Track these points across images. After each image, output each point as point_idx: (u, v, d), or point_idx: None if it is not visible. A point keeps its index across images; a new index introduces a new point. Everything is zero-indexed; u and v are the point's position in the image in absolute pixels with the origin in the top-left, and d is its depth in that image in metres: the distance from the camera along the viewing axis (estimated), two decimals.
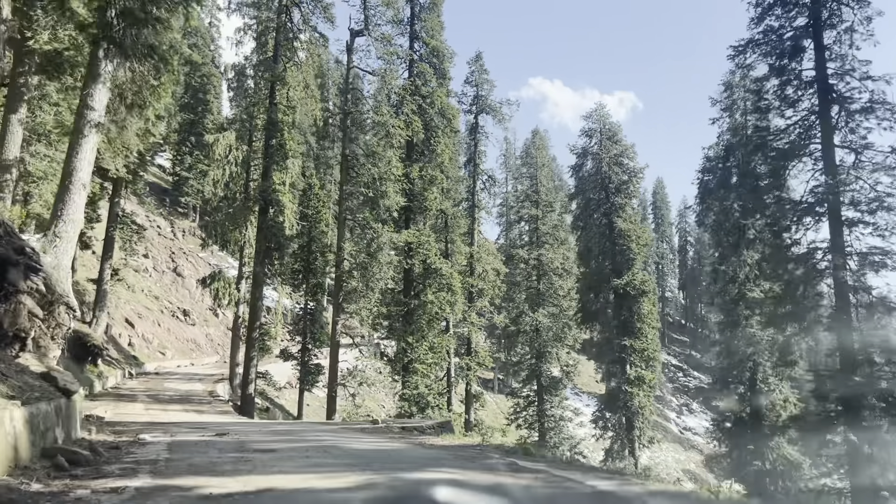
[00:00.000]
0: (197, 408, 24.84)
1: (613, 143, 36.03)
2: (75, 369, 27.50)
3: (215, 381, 36.86)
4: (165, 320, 50.53)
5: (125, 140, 18.05)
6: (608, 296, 34.64)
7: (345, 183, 29.37)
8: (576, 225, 38.62)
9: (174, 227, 70.42)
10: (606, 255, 34.99)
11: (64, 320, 14.61)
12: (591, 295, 35.65)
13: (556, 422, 39.17)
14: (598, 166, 35.90)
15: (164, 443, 7.18)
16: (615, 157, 35.60)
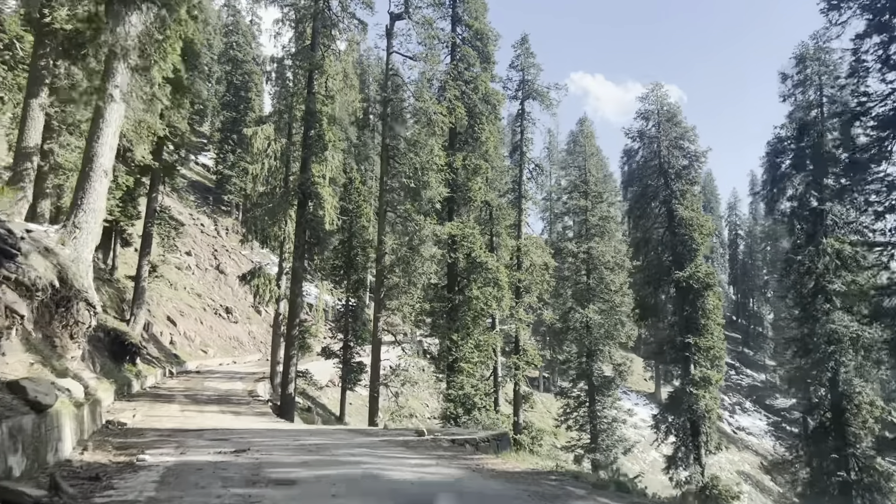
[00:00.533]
0: (234, 409, 23.87)
1: (672, 125, 33.82)
2: (113, 368, 26.88)
3: (256, 379, 36.09)
4: (208, 318, 50.23)
5: (145, 119, 17.07)
6: (668, 290, 32.53)
7: (385, 174, 28.07)
8: (631, 214, 36.49)
9: (217, 224, 70.54)
10: (666, 247, 32.84)
11: (83, 318, 13.56)
12: (649, 289, 33.55)
13: (609, 423, 37.22)
14: (656, 150, 33.75)
15: (162, 467, 5.91)
16: (674, 140, 33.39)
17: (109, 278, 36.29)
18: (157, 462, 6.30)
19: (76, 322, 12.77)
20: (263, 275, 35.89)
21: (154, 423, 15.00)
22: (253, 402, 26.68)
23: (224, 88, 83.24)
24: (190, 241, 60.39)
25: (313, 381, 34.82)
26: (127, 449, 7.58)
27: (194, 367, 40.49)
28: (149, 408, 22.16)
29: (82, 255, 13.23)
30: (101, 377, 24.10)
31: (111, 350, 28.06)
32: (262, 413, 23.23)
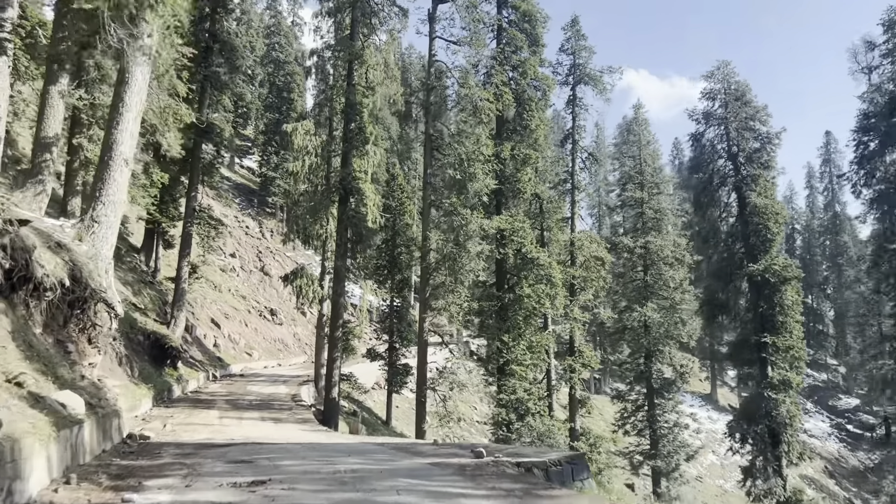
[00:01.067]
0: (276, 415, 22.72)
1: (742, 104, 31.33)
2: (152, 373, 26.09)
3: (300, 383, 35.08)
4: (252, 320, 49.69)
5: (170, 104, 15.97)
6: (741, 285, 30.14)
7: (429, 166, 26.63)
8: (697, 203, 34.09)
9: (262, 226, 70.35)
10: (737, 238, 30.44)
11: (102, 320, 12.41)
12: (719, 284, 31.17)
13: (670, 428, 34.99)
14: (724, 133, 31.35)
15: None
16: (744, 120, 30.92)
17: (152, 280, 35.80)
18: None
19: (93, 325, 11.60)
20: (306, 275, 34.88)
21: (183, 435, 13.80)
22: (295, 408, 25.54)
23: (267, 90, 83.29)
24: (234, 242, 60.20)
25: (358, 385, 33.61)
26: (124, 479, 6.23)
27: (238, 370, 39.79)
28: (186, 414, 21.18)
29: (101, 252, 12.06)
30: (138, 382, 23.28)
31: (151, 354, 27.33)
32: (303, 420, 22.01)
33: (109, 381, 13.29)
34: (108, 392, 11.76)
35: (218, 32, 30.37)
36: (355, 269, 28.03)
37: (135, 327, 26.66)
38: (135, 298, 31.46)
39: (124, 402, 18.06)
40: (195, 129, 29.35)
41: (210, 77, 29.82)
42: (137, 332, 26.79)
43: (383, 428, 36.93)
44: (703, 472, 56.26)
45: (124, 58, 12.48)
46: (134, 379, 23.07)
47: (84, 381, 10.95)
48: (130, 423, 17.79)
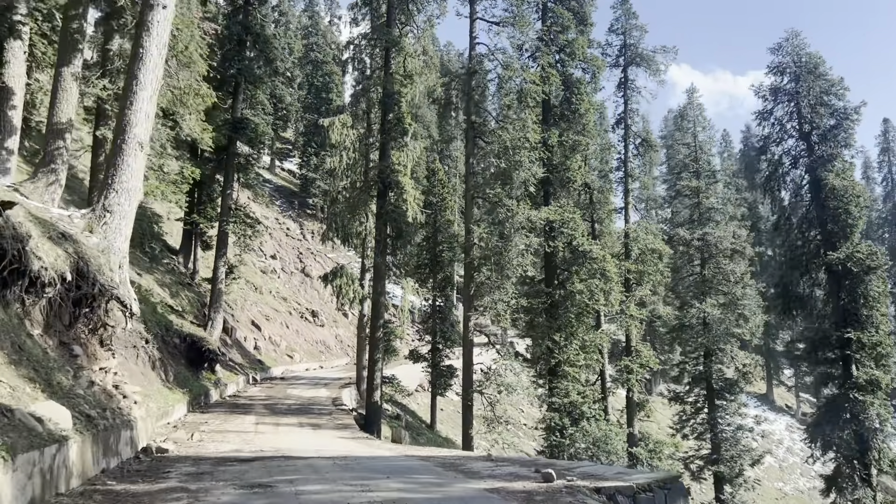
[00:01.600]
0: (315, 420, 21.51)
1: (815, 77, 28.80)
2: (189, 377, 25.21)
3: (341, 386, 33.96)
4: (294, 322, 48.93)
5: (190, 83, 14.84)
6: (817, 275, 27.70)
7: (471, 156, 25.12)
8: (767, 187, 31.66)
9: (303, 228, 69.87)
10: (812, 224, 28.01)
11: (114, 319, 11.25)
12: (794, 275, 28.76)
13: (733, 432, 32.71)
14: (795, 110, 28.93)
15: None
16: (818, 95, 28.39)
17: (190, 282, 35.16)
18: None
19: (103, 325, 10.42)
20: (346, 274, 33.72)
21: (209, 446, 12.58)
22: (335, 413, 24.33)
23: (305, 92, 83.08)
24: (275, 244, 59.74)
25: (401, 388, 32.29)
26: None
27: (279, 372, 38.94)
28: (221, 420, 20.13)
29: (114, 245, 10.89)
30: (172, 387, 22.35)
31: (188, 357, 26.48)
32: (343, 426, 20.74)
33: (129, 387, 12.12)
34: (122, 400, 10.56)
35: (251, 25, 29.45)
36: (395, 266, 26.69)
37: (170, 330, 25.85)
38: (172, 300, 30.78)
39: (153, 409, 17.04)
40: (229, 124, 28.49)
41: (243, 71, 28.90)
42: (173, 334, 25.98)
43: (427, 432, 35.57)
44: (760, 475, 53.29)
45: (140, 27, 11.32)
46: (168, 383, 22.17)
47: (93, 388, 9.77)
48: (160, 431, 16.78)
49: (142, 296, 27.36)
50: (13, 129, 14.03)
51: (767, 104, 30.81)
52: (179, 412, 20.69)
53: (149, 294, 27.73)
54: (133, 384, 19.10)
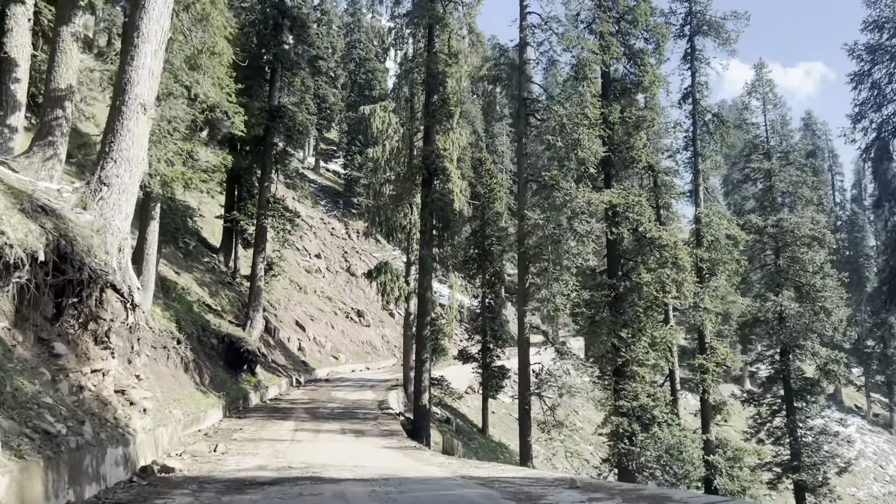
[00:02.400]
0: (358, 426, 19.72)
1: None
2: (226, 379, 23.78)
3: (388, 388, 32.22)
4: (339, 322, 47.53)
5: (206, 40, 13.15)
6: None
7: (523, 135, 23.01)
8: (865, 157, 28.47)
9: (348, 227, 68.62)
10: None
11: (110, 312, 9.55)
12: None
13: (816, 437, 29.71)
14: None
15: None
16: None
17: (230, 282, 33.96)
18: None
19: (94, 318, 8.70)
20: (390, 270, 32.00)
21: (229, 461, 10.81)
22: (381, 417, 22.52)
23: (349, 90, 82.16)
24: (319, 243, 58.62)
25: (450, 390, 30.34)
26: None
27: (324, 374, 37.49)
28: (258, 427, 18.51)
29: (111, 223, 9.18)
30: (207, 391, 20.87)
31: (226, 359, 25.08)
32: (389, 432, 18.88)
33: (139, 392, 10.45)
34: (122, 409, 8.82)
35: (287, 8, 27.95)
36: (442, 260, 24.75)
37: (207, 330, 24.48)
38: (211, 300, 29.54)
39: (177, 416, 15.47)
40: (265, 113, 27.03)
41: (280, 56, 27.39)
42: (210, 335, 24.60)
43: (479, 437, 33.52)
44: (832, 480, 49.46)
45: None
46: (203, 387, 20.70)
47: (80, 394, 8.05)
48: (186, 440, 15.20)
49: (177, 294, 26.14)
50: (17, 105, 12.57)
51: (863, 65, 27.57)
52: (213, 418, 19.18)
53: (185, 293, 26.49)
54: (162, 388, 17.65)
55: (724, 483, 22.45)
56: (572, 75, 22.29)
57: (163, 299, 22.31)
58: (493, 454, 32.32)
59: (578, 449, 24.99)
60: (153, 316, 19.43)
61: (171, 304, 22.62)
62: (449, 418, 31.83)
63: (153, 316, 19.43)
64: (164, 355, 19.10)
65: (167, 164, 16.70)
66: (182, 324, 21.46)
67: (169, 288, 24.87)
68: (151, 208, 19.37)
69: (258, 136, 27.97)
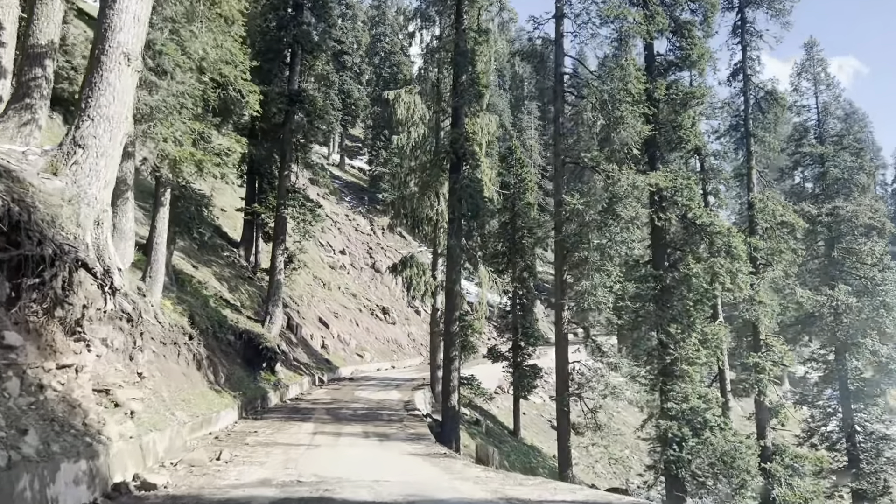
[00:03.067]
0: (383, 429, 18.20)
1: None
2: (244, 378, 22.45)
3: (414, 387, 30.70)
4: (364, 319, 46.15)
5: None
6: None
7: (560, 114, 21.26)
8: None
9: (373, 224, 67.28)
10: None
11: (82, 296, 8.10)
12: None
13: (876, 441, 27.49)
14: None
15: None
16: None
17: (251, 276, 32.75)
18: None
19: (62, 302, 7.23)
20: (416, 264, 30.42)
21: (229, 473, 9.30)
22: (407, 419, 20.98)
23: (373, 85, 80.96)
24: (344, 239, 57.38)
25: (480, 390, 28.74)
26: None
27: (348, 373, 36.10)
28: (274, 429, 17.09)
29: (87, 192, 7.74)
30: (222, 389, 19.52)
31: (244, 356, 23.77)
32: (416, 436, 17.30)
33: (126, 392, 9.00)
34: (92, 413, 7.33)
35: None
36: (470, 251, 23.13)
37: (224, 325, 23.17)
38: (229, 294, 28.30)
39: (181, 418, 14.08)
40: (284, 97, 25.66)
41: (300, 38, 25.99)
42: (227, 330, 23.29)
43: (511, 439, 31.83)
44: None
45: None
46: (217, 385, 19.36)
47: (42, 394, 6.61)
48: (192, 444, 13.81)
49: (193, 288, 24.89)
50: (2, 72, 11.17)
51: None
52: (227, 419, 17.82)
53: (201, 287, 25.24)
54: (170, 387, 16.31)
55: (783, 494, 20.48)
56: (613, 50, 20.51)
57: (176, 293, 21.03)
58: (527, 458, 30.61)
59: (622, 454, 23.10)
60: (162, 309, 18.13)
61: (186, 297, 21.33)
62: (479, 419, 30.21)
63: (162, 309, 18.13)
64: (175, 352, 17.79)
65: (175, 144, 15.34)
66: (196, 319, 20.16)
67: (184, 281, 23.63)
68: (161, 194, 18.08)
69: (278, 125, 26.67)
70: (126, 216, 15.33)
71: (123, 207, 15.26)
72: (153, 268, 17.76)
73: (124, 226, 15.21)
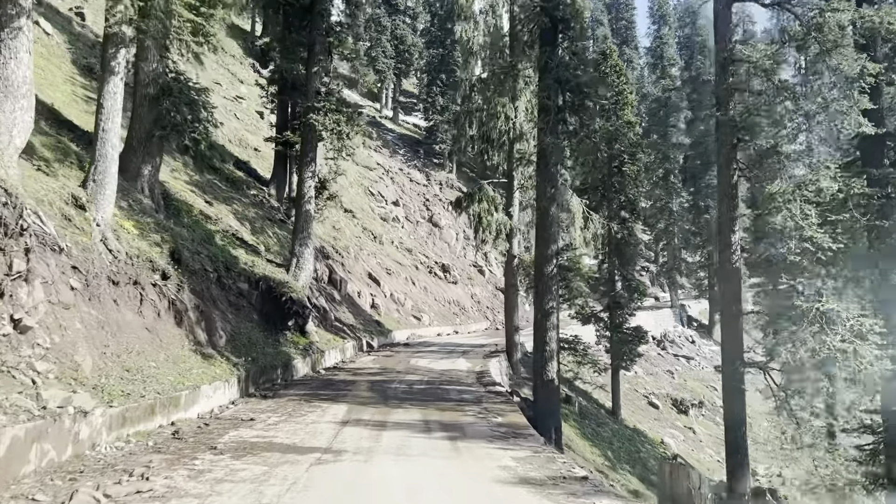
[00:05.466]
0: (452, 416, 11.65)
1: None
2: (259, 339, 16.31)
3: (486, 354, 24.12)
4: (421, 277, 39.81)
5: None
6: None
7: None
8: None
9: (430, 178, 60.57)
10: None
11: None
12: None
13: None
14: None
15: None
16: None
17: (283, 219, 26.65)
18: None
19: None
20: (486, 197, 23.75)
21: None
22: (486, 398, 14.35)
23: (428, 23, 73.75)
24: (397, 189, 50.99)
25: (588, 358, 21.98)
26: None
27: (403, 337, 29.91)
28: (281, 417, 10.76)
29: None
30: (218, 354, 13.36)
31: (262, 310, 17.63)
32: (507, 430, 10.59)
33: None
34: None
35: None
36: (570, 146, 16.18)
37: (233, 269, 17.05)
38: (251, 237, 22.19)
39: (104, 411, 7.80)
40: None
41: None
42: (238, 276, 17.16)
43: (610, 420, 25.02)
44: None
45: None
46: (210, 347, 13.20)
47: None
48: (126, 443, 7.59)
49: (193, 219, 18.88)
50: None
51: None
52: (218, 398, 11.65)
53: (208, 220, 19.17)
54: (110, 345, 10.13)
55: None
56: None
57: (161, 219, 14.91)
58: (633, 445, 23.78)
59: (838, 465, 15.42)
60: (116, 233, 11.98)
61: (175, 227, 15.17)
62: (570, 396, 23.51)
63: (116, 233, 11.98)
64: (134, 296, 11.63)
65: None
66: (184, 256, 14.00)
67: (180, 210, 17.53)
68: (111, 57, 11.77)
69: (305, 6, 20.10)
70: (17, 59, 9.02)
71: (13, 45, 8.96)
72: (98, 168, 11.55)
73: (11, 75, 8.92)
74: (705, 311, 58.30)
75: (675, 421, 32.79)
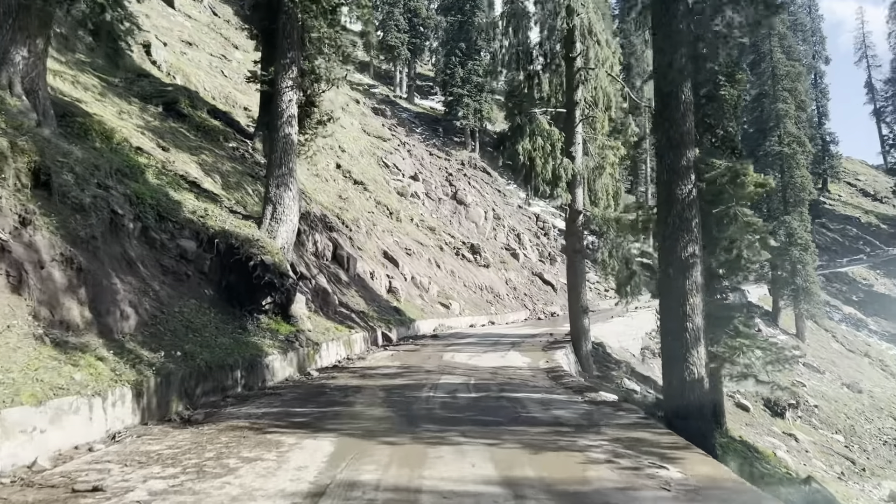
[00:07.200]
0: (567, 471, 5.41)
1: None
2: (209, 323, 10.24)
3: (545, 346, 17.70)
4: (447, 260, 33.61)
5: None
6: None
7: None
8: None
9: (451, 157, 54.39)
10: None
11: None
12: None
13: None
14: None
15: None
16: None
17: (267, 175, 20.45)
18: None
19: None
20: (541, 131, 17.58)
21: None
22: (602, 420, 7.98)
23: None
24: (415, 162, 44.80)
25: None
26: None
27: (429, 328, 23.79)
28: (176, 478, 4.63)
29: None
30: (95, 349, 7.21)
31: (220, 282, 11.53)
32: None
33: None
34: None
35: None
36: None
37: (171, 218, 10.88)
38: (224, 191, 16.12)
39: None
40: None
41: None
42: (179, 228, 11.01)
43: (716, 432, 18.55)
44: None
45: None
46: (101, 336, 7.09)
47: None
48: None
49: (109, 147, 12.82)
50: None
51: None
52: (81, 428, 5.51)
53: (142, 154, 13.12)
54: None
55: None
56: None
57: (26, 121, 8.88)
58: (751, 466, 17.28)
59: None
60: None
61: (59, 142, 9.13)
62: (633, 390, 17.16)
63: None
64: None
65: None
66: (57, 180, 7.98)
67: (88, 129, 11.50)
68: None
69: None
70: None
71: None
72: None
73: None
74: (765, 297, 51.76)
75: (772, 426, 26.36)
